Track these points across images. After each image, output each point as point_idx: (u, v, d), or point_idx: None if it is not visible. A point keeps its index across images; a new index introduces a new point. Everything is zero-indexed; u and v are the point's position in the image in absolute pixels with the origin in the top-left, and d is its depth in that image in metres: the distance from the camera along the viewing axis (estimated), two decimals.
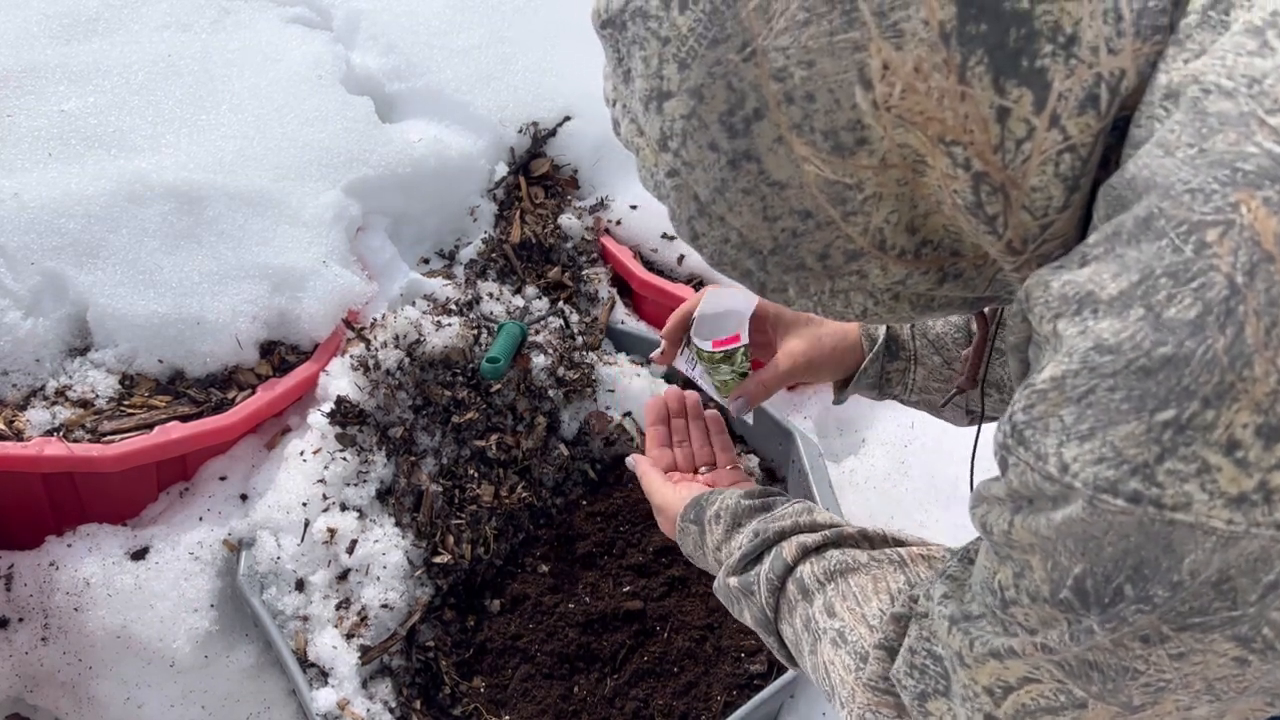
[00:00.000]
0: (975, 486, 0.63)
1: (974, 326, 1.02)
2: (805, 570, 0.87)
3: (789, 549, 0.88)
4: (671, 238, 2.06)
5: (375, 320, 1.77)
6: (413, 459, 1.67)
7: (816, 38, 0.55)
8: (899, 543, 0.88)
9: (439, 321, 1.76)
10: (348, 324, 1.75)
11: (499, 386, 1.75)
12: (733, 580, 0.92)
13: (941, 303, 0.68)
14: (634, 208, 2.09)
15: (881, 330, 1.05)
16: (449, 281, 1.92)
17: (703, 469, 1.15)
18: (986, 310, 0.93)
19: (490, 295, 1.89)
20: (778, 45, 0.56)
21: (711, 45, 0.57)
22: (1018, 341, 0.61)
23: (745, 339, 1.17)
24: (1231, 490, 0.49)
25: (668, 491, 1.06)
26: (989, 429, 1.03)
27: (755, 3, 0.56)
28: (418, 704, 1.51)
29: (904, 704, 0.75)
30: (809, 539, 0.88)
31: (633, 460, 1.14)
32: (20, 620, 1.51)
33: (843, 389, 1.09)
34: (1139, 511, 0.50)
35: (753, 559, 0.92)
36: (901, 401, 1.09)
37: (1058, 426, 0.53)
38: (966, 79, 0.54)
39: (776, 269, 0.66)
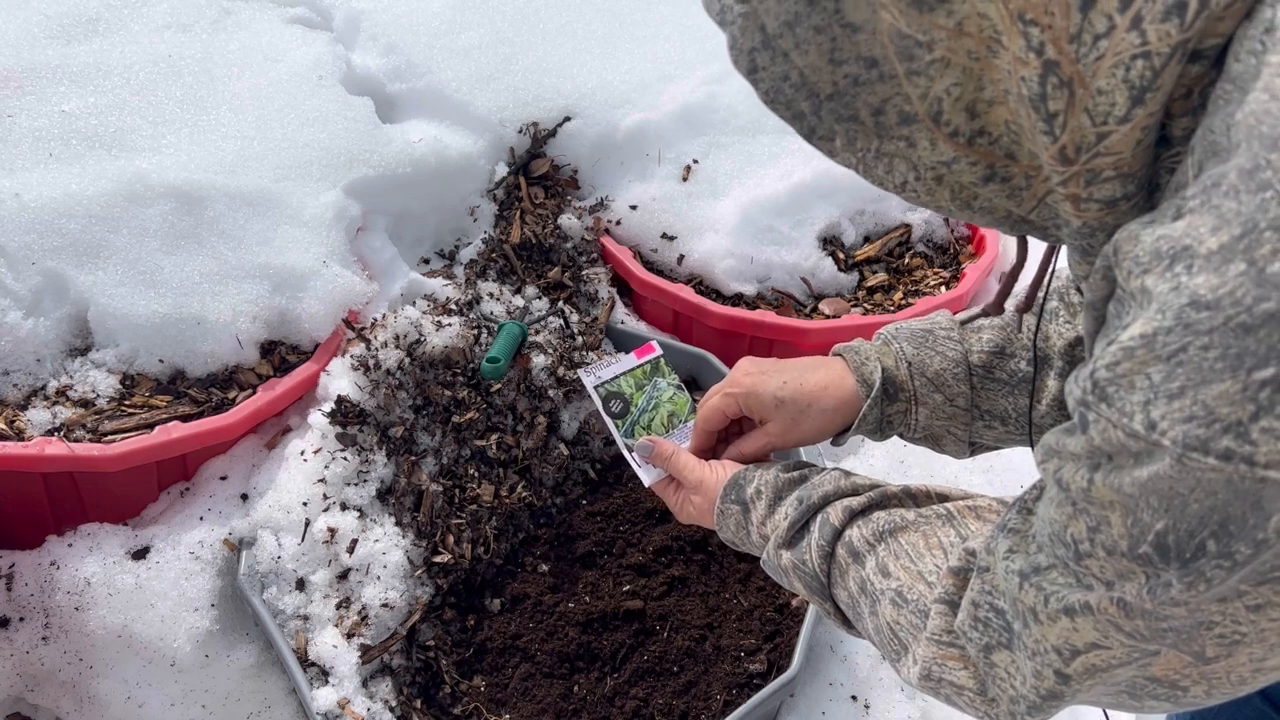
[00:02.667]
0: (1043, 440, 0.62)
1: (971, 359, 1.00)
2: (854, 533, 0.87)
3: (835, 514, 0.88)
4: (672, 238, 2.06)
5: (375, 320, 1.77)
6: (413, 459, 1.67)
7: None
8: (943, 497, 0.88)
9: (439, 321, 1.76)
10: (348, 324, 1.75)
11: (499, 386, 1.75)
12: (784, 553, 0.92)
13: (983, 205, 0.66)
14: (634, 208, 2.09)
15: (877, 375, 1.00)
16: (449, 281, 1.92)
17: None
18: (1032, 298, 0.93)
19: (490, 295, 1.89)
20: None
21: None
22: (1095, 299, 0.60)
23: (659, 350, 1.23)
24: None
25: (705, 471, 1.03)
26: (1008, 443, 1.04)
27: None
28: (418, 703, 1.51)
29: (969, 655, 0.75)
30: (853, 502, 0.88)
31: (648, 443, 1.08)
32: (21, 620, 1.51)
33: (841, 435, 1.05)
34: (1229, 469, 0.50)
35: (800, 527, 0.91)
36: (904, 439, 1.06)
37: (1144, 384, 0.52)
38: None
39: (830, 116, 0.64)
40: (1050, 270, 0.88)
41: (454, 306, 1.84)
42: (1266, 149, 0.48)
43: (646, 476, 1.11)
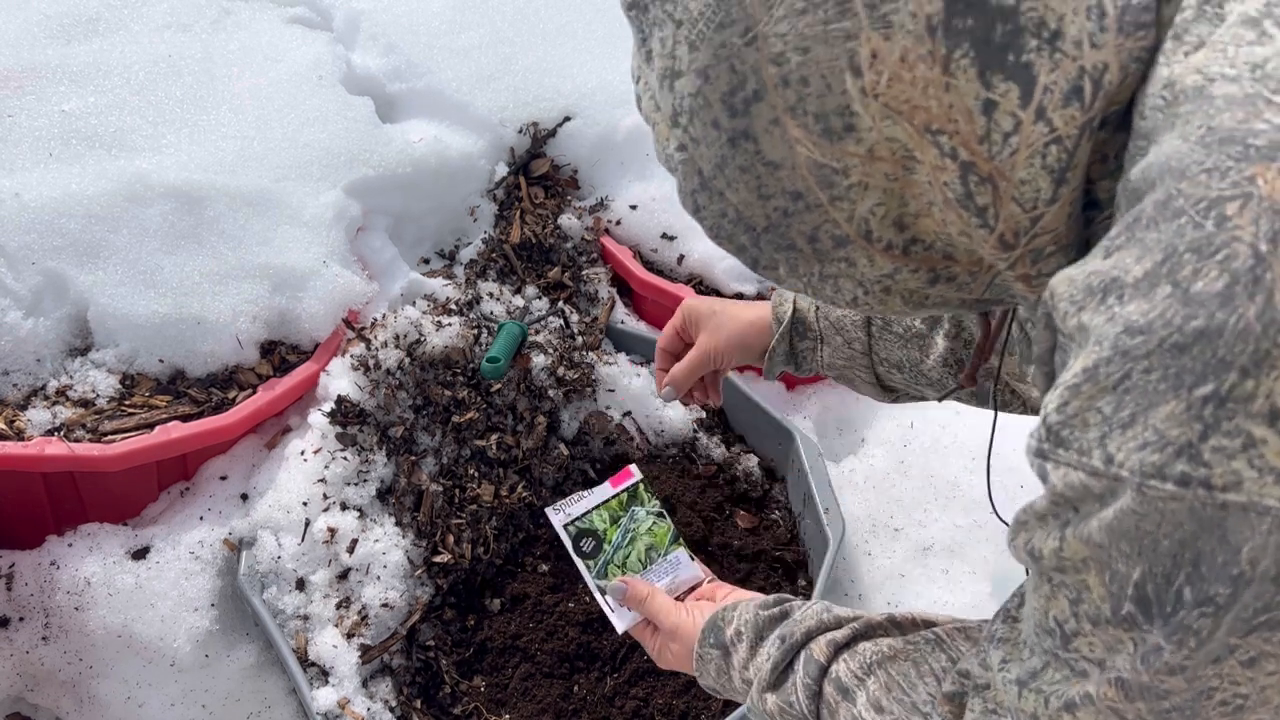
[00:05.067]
0: (1014, 516, 0.62)
1: (912, 321, 1.07)
2: (840, 668, 0.84)
3: (819, 649, 0.86)
4: (672, 238, 2.06)
5: (375, 320, 1.77)
6: (413, 459, 1.67)
7: (812, 26, 0.57)
8: (929, 622, 0.86)
9: (439, 321, 1.76)
10: (348, 324, 1.75)
11: (499, 386, 1.75)
12: (769, 696, 0.89)
13: (936, 301, 0.68)
14: (634, 208, 2.09)
15: (787, 311, 1.14)
16: (449, 281, 1.92)
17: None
18: (993, 315, 0.93)
19: (490, 295, 1.89)
20: (777, 32, 0.58)
21: (718, 29, 0.60)
22: (1041, 353, 0.61)
23: (638, 475, 1.18)
24: (1279, 464, 0.48)
25: (681, 615, 1.02)
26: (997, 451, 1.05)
27: None
28: (418, 703, 1.51)
29: None
30: (837, 635, 0.86)
31: (621, 585, 1.08)
32: (21, 619, 1.51)
33: (767, 368, 1.18)
34: (1189, 495, 0.49)
35: (784, 668, 0.88)
36: (821, 374, 1.18)
37: (1097, 419, 0.52)
38: (951, 70, 0.56)
39: (769, 246, 0.67)
40: (1009, 322, 0.91)
41: (454, 306, 1.84)
42: (1176, 180, 0.50)
43: (620, 622, 1.07)
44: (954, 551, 1.80)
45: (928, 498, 1.88)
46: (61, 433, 1.54)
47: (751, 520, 1.77)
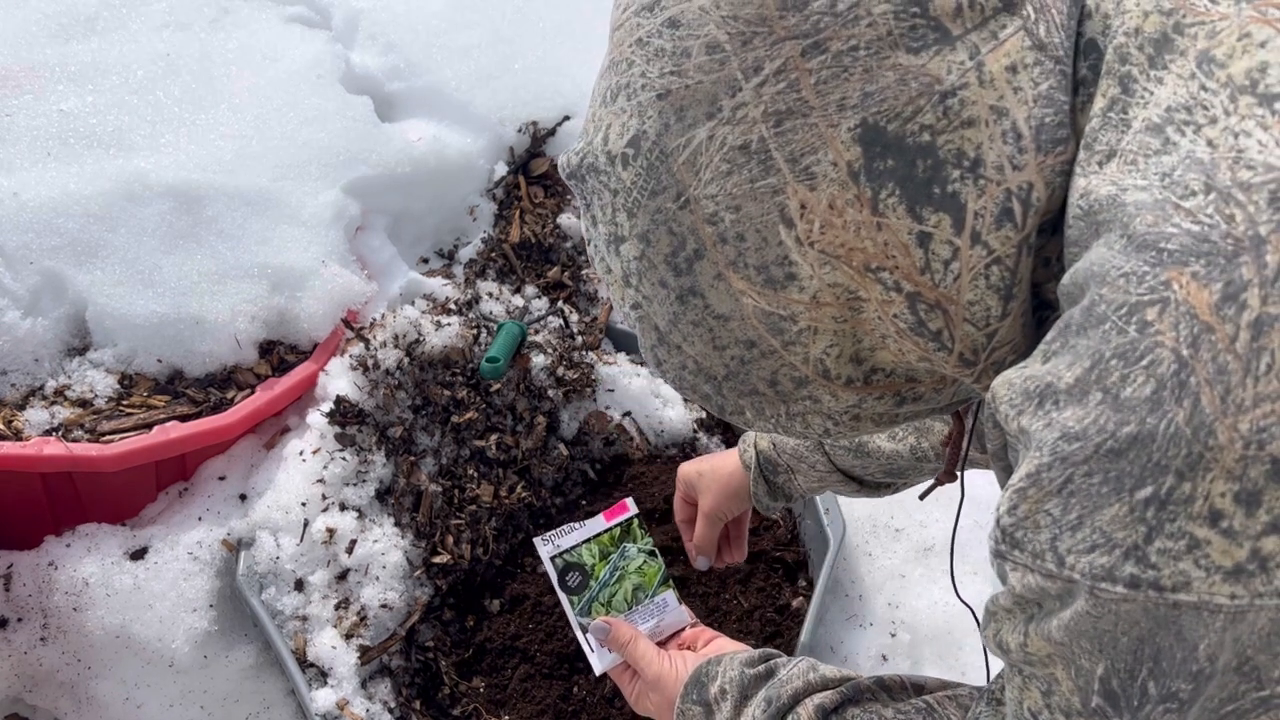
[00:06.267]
0: (985, 605, 0.62)
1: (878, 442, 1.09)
2: None
3: (806, 713, 0.84)
4: None
5: (374, 320, 1.77)
6: (412, 459, 1.66)
7: (739, 185, 0.59)
8: (918, 687, 0.85)
9: (438, 321, 1.76)
10: (347, 324, 1.75)
11: (499, 386, 1.75)
12: None
13: (907, 416, 0.69)
14: None
15: (751, 457, 1.20)
16: (448, 281, 1.92)
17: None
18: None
19: (490, 295, 1.88)
20: (707, 194, 0.60)
21: (651, 196, 0.62)
22: (996, 449, 0.62)
23: (634, 509, 1.17)
24: (1226, 563, 0.48)
25: (664, 665, 1.00)
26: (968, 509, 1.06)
27: (684, 157, 0.60)
28: (417, 704, 1.51)
29: None
30: (825, 699, 0.85)
31: (604, 624, 1.06)
32: (19, 620, 1.51)
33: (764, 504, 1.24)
34: (1141, 597, 0.50)
35: None
36: (812, 495, 1.24)
37: (1047, 521, 0.53)
38: (880, 210, 0.57)
39: (732, 393, 0.68)
40: (974, 418, 0.91)
41: (453, 306, 1.84)
42: (1098, 285, 0.52)
43: (599, 663, 1.04)
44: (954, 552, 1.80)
45: (928, 498, 1.87)
46: (60, 433, 1.53)
47: (751, 520, 1.77)
